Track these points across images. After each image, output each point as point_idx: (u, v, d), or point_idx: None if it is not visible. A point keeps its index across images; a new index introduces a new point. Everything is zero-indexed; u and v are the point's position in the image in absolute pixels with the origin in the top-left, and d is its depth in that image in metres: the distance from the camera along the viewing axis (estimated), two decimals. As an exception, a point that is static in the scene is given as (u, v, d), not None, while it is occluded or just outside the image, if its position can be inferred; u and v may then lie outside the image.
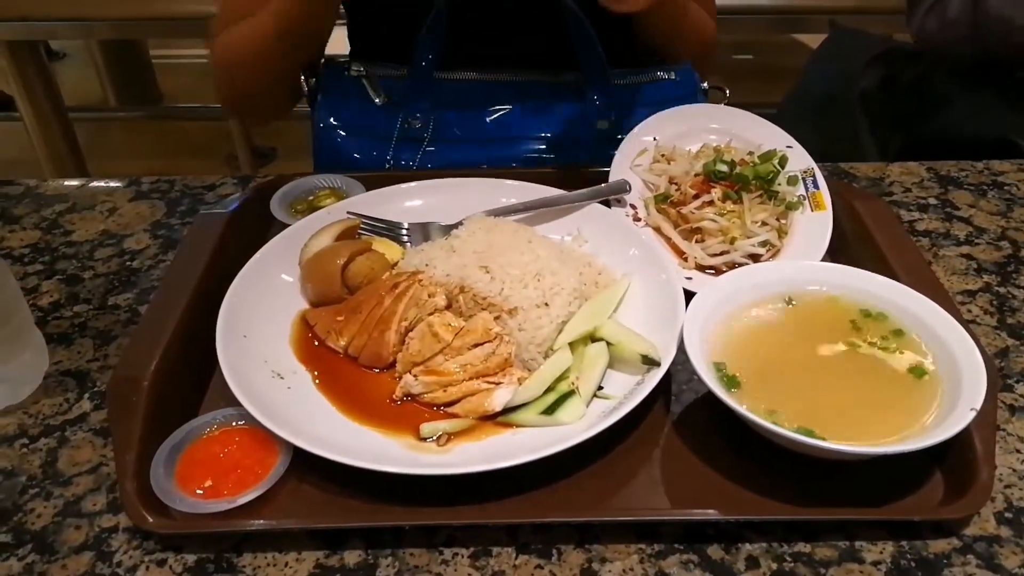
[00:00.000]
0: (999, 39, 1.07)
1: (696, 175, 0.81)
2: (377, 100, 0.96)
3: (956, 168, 0.92)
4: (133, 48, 3.24)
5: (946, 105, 1.15)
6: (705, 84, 1.01)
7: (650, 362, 0.62)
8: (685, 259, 0.76)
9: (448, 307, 0.67)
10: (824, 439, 0.55)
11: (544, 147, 0.96)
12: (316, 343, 0.69)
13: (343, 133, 0.96)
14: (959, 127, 1.11)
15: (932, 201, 0.88)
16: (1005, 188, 0.89)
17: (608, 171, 0.82)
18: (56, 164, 2.73)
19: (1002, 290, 0.76)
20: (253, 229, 0.79)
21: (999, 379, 0.66)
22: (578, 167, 0.89)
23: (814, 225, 0.78)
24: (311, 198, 0.85)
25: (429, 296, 0.66)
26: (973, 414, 0.54)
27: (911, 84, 1.20)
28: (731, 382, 0.61)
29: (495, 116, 0.97)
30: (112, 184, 0.94)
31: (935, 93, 1.17)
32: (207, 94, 2.94)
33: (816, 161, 0.82)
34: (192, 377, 0.66)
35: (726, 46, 3.63)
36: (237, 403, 0.60)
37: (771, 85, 2.09)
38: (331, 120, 0.96)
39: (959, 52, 1.14)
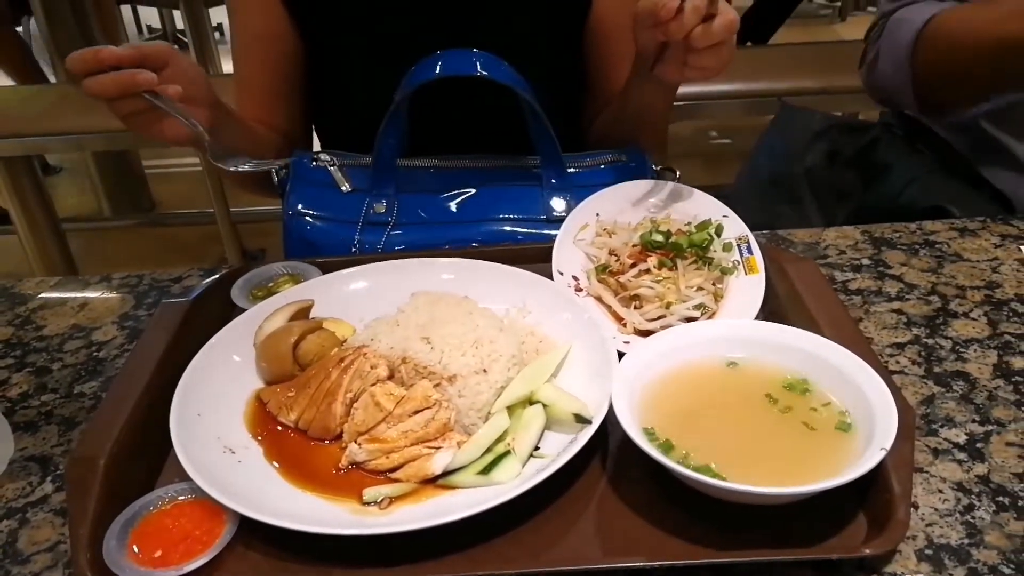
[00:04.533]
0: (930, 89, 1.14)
1: (634, 246, 0.85)
2: (344, 188, 1.02)
3: (890, 230, 0.97)
4: (126, 159, 3.35)
5: (886, 175, 1.20)
6: (656, 166, 1.06)
7: (582, 420, 0.65)
8: (624, 325, 0.79)
9: (390, 377, 0.70)
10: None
11: (504, 227, 1.00)
12: (268, 419, 0.72)
13: (311, 220, 1.01)
14: (897, 196, 1.15)
15: (865, 261, 0.92)
16: (936, 246, 0.94)
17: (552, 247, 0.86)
18: (50, 274, 2.79)
19: (930, 341, 0.79)
20: (215, 316, 0.83)
21: (916, 422, 0.68)
22: (528, 245, 0.94)
23: (748, 288, 0.82)
24: (270, 284, 0.89)
25: (372, 367, 0.69)
26: (883, 453, 0.57)
27: (853, 157, 1.25)
28: (664, 446, 0.63)
29: (457, 199, 1.02)
30: (83, 280, 0.98)
31: (875, 165, 1.22)
32: (199, 200, 3.03)
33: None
34: (148, 455, 0.69)
35: (702, 130, 3.75)
36: (189, 479, 0.63)
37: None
38: (299, 207, 1.01)
39: (901, 101, 1.21)
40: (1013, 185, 1.15)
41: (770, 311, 0.79)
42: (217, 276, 0.89)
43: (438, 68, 0.95)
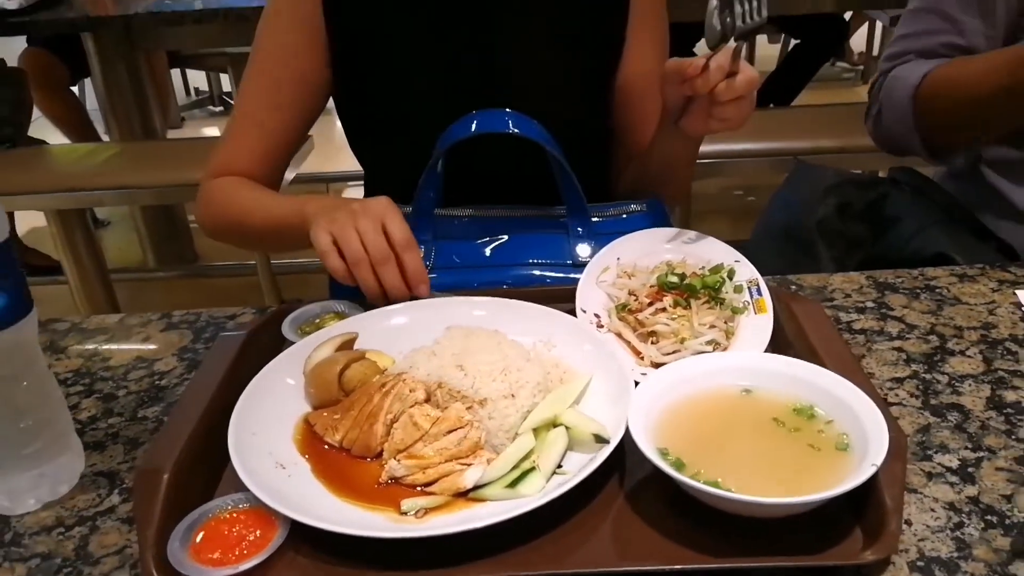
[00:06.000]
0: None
1: (651, 287, 0.92)
2: None
3: (893, 275, 1.03)
4: (172, 213, 3.49)
5: (893, 226, 1.26)
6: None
7: (601, 440, 0.71)
8: (642, 358, 0.86)
9: (427, 400, 0.77)
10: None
11: (532, 272, 1.08)
12: (315, 439, 0.79)
13: None
14: (904, 245, 1.22)
15: (869, 304, 0.98)
16: (936, 291, 0.99)
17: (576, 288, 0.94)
18: (97, 322, 2.90)
19: (928, 376, 0.85)
20: (266, 348, 0.90)
21: (911, 447, 0.74)
22: (555, 287, 1.01)
23: (757, 326, 0.88)
24: (317, 321, 0.96)
25: (411, 391, 0.76)
26: (874, 468, 0.63)
27: (863, 210, 1.32)
28: (676, 464, 0.69)
29: (489, 245, 1.10)
30: (145, 317, 1.07)
31: (884, 217, 1.29)
32: (239, 252, 3.15)
33: (779, 282, 0.93)
34: (207, 469, 0.76)
35: (727, 188, 3.83)
36: (245, 490, 0.70)
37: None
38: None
39: (909, 149, 1.29)
40: (1017, 235, 1.21)
41: (777, 348, 0.85)
42: (269, 313, 0.97)
43: (474, 126, 1.03)
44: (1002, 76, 1.11)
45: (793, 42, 4.26)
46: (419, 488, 0.72)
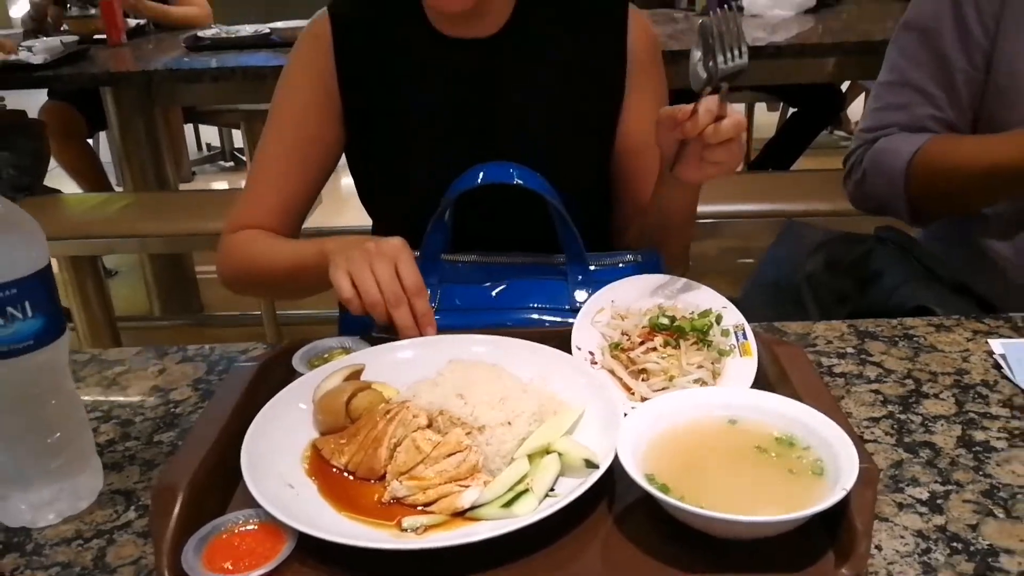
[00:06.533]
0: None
1: (643, 328, 0.97)
2: None
3: (873, 324, 1.08)
4: (181, 264, 3.56)
5: (877, 281, 1.32)
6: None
7: (591, 465, 0.76)
8: (632, 394, 0.91)
9: (429, 426, 0.82)
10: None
11: (532, 315, 1.13)
12: (322, 463, 0.84)
13: None
14: (887, 298, 1.27)
15: (850, 350, 1.03)
16: (914, 339, 1.05)
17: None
18: (103, 367, 2.95)
19: (903, 416, 0.89)
20: (277, 379, 0.95)
21: (883, 478, 0.79)
22: (552, 329, 1.06)
23: (741, 367, 0.93)
24: (326, 355, 1.01)
25: (414, 417, 0.81)
26: (844, 492, 0.67)
27: (849, 265, 1.38)
28: (662, 488, 0.73)
29: (492, 290, 1.16)
30: (161, 350, 1.12)
31: (868, 271, 1.35)
32: (244, 303, 3.21)
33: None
34: (220, 487, 0.80)
35: (726, 250, 3.90)
36: (255, 507, 0.74)
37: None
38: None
39: (893, 213, 1.36)
40: (992, 290, 1.27)
41: (760, 387, 0.90)
42: (280, 347, 1.02)
43: (480, 177, 1.10)
44: (996, 159, 1.19)
45: (791, 110, 4.38)
46: (419, 507, 0.76)
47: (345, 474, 0.82)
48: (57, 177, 3.92)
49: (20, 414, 0.78)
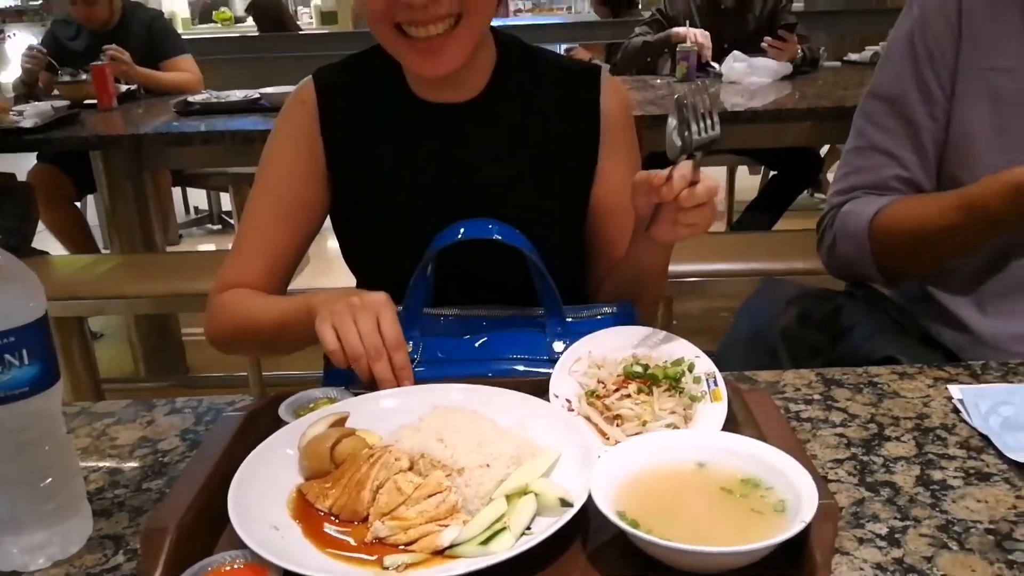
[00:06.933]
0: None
1: (618, 376, 1.01)
2: None
3: (839, 372, 1.13)
4: (167, 326, 3.58)
5: (848, 334, 1.37)
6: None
7: (566, 504, 0.79)
8: (607, 439, 0.94)
9: (410, 468, 0.85)
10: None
11: (513, 366, 1.17)
12: (307, 507, 0.86)
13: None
14: (856, 351, 1.32)
15: (816, 397, 1.07)
16: (878, 386, 1.09)
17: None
18: (87, 428, 2.95)
19: (865, 458, 0.93)
20: (264, 428, 0.98)
21: (839, 511, 0.82)
22: (531, 379, 1.10)
23: (712, 412, 0.97)
24: (312, 405, 1.05)
25: (396, 459, 0.85)
26: (803, 524, 0.71)
27: (821, 320, 1.43)
28: (632, 524, 0.77)
29: (473, 342, 1.19)
30: (150, 403, 1.15)
31: (839, 326, 1.40)
32: (230, 364, 3.22)
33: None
34: (207, 531, 0.82)
35: (711, 310, 3.95)
36: (241, 547, 0.77)
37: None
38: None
39: (864, 276, 1.41)
40: (957, 342, 1.32)
41: (730, 430, 0.94)
42: (267, 398, 1.05)
43: (461, 233, 1.15)
44: (951, 218, 1.25)
45: (772, 173, 4.49)
46: (401, 547, 0.79)
47: (330, 516, 0.85)
48: (45, 240, 3.96)
49: (14, 459, 0.81)
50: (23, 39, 7.75)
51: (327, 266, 3.56)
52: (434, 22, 1.15)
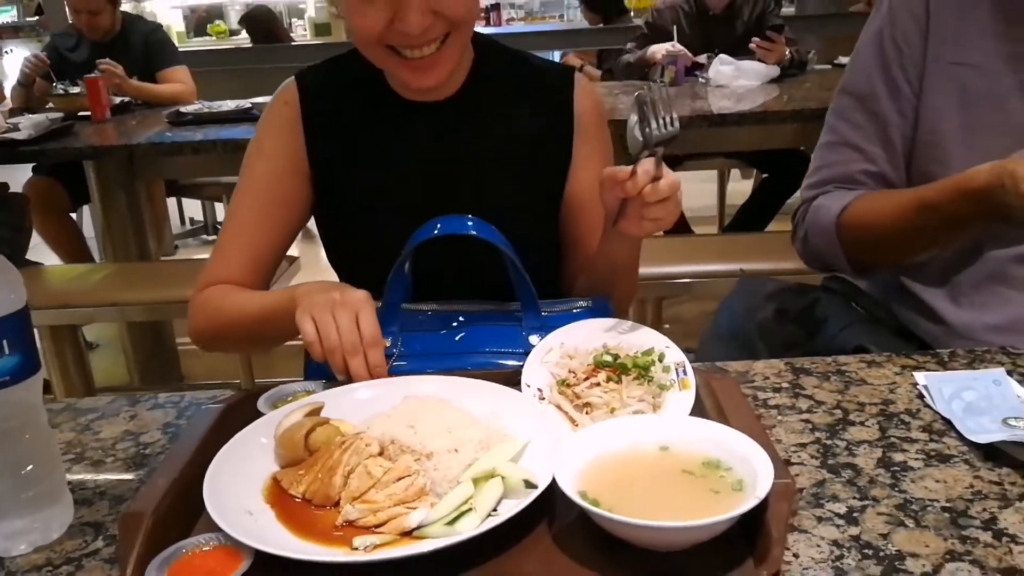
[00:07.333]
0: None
1: (588, 365, 1.03)
2: None
3: (808, 362, 1.15)
4: (161, 335, 3.60)
5: (823, 327, 1.40)
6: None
7: (531, 485, 0.81)
8: (577, 426, 0.96)
9: (381, 453, 0.87)
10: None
11: (490, 360, 1.19)
12: (281, 493, 0.89)
13: None
14: (830, 342, 1.35)
15: (785, 385, 1.09)
16: (846, 374, 1.11)
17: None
18: (82, 435, 2.97)
19: (828, 442, 0.96)
20: (243, 419, 1.00)
21: (796, 489, 0.85)
22: (504, 371, 1.13)
23: (680, 400, 0.99)
24: (290, 398, 1.07)
25: (366, 445, 0.87)
26: (757, 500, 0.73)
27: (797, 314, 1.46)
28: (592, 503, 0.79)
29: (451, 336, 1.21)
30: (133, 398, 1.17)
31: (816, 319, 1.42)
32: (224, 372, 3.24)
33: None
34: (184, 515, 0.84)
35: (706, 313, 3.97)
36: (216, 531, 0.79)
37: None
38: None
39: (836, 267, 1.44)
40: (931, 333, 1.34)
41: (698, 416, 0.96)
42: (246, 391, 1.08)
43: (438, 228, 1.17)
44: (908, 218, 1.28)
45: (763, 176, 4.53)
46: (371, 528, 0.81)
47: (304, 501, 0.87)
48: (41, 252, 3.99)
49: (-5, 447, 0.84)
50: (20, 55, 7.79)
51: (322, 274, 3.60)
52: (427, 44, 1.19)
